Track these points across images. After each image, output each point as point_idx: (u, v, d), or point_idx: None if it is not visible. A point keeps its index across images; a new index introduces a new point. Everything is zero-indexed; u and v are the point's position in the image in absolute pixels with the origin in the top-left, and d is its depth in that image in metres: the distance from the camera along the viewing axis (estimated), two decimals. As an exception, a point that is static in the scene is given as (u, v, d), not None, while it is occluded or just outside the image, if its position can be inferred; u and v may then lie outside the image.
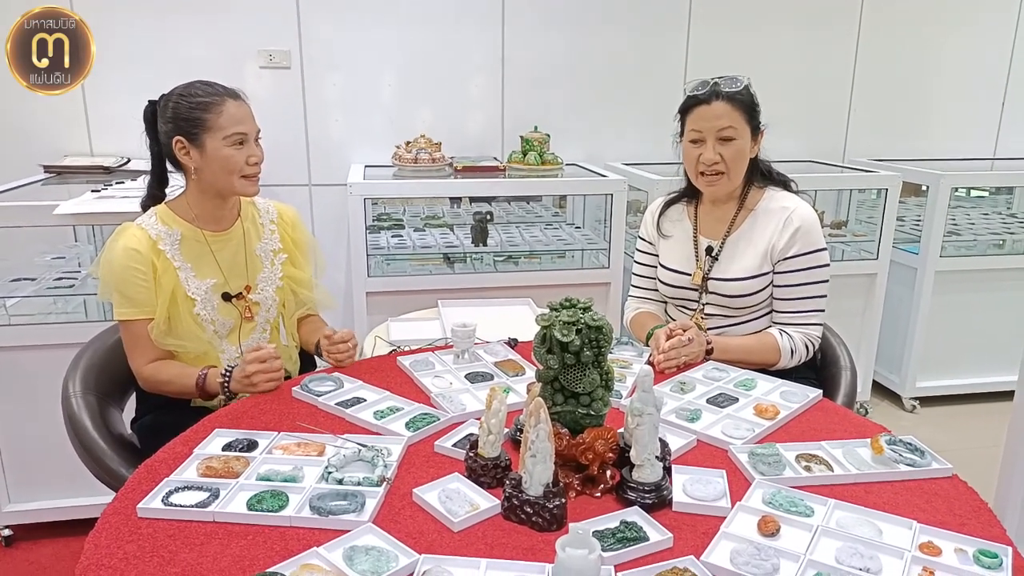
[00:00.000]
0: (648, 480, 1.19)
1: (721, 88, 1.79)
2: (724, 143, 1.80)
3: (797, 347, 1.84)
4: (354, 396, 1.56)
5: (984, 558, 1.05)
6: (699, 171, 1.85)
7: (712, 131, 1.80)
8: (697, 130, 1.82)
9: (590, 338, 1.25)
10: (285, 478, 1.22)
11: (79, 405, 1.71)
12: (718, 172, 1.83)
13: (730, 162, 1.81)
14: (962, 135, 3.89)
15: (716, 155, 1.80)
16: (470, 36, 3.23)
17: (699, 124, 1.81)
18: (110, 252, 1.69)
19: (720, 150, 1.80)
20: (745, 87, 1.80)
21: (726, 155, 1.81)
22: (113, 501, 1.18)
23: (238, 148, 1.70)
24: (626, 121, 3.44)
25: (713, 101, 1.79)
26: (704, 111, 1.80)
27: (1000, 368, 3.46)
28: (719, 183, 1.85)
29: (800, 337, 1.85)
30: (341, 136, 3.21)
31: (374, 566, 1.02)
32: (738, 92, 1.79)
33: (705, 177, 1.85)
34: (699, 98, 1.81)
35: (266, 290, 1.85)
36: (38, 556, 2.41)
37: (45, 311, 2.51)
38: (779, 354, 1.84)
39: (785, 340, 1.84)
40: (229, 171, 1.71)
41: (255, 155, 1.74)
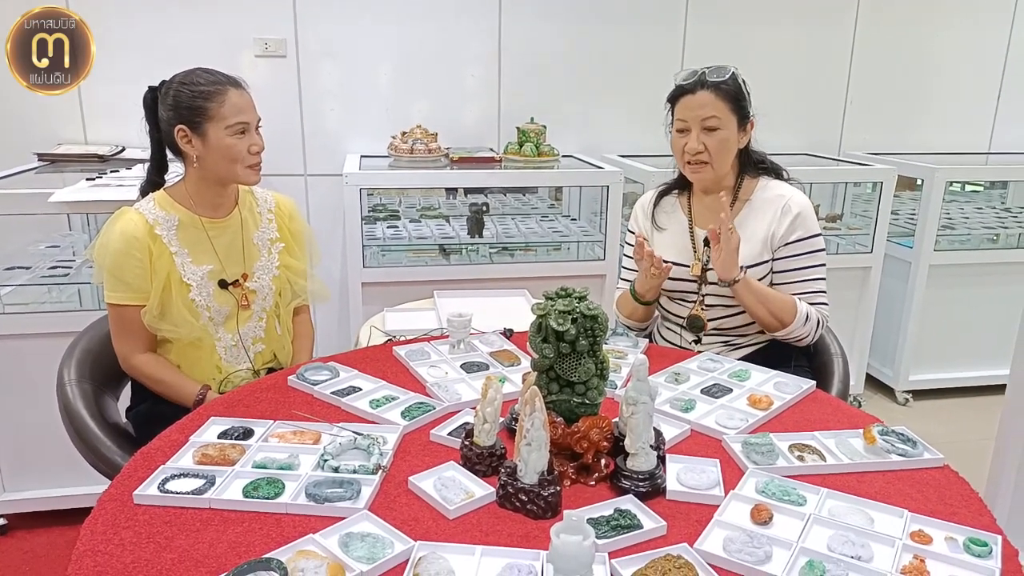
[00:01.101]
0: (642, 469, 1.20)
1: (707, 78, 1.80)
2: (708, 133, 1.81)
3: (812, 316, 1.83)
4: (350, 385, 1.56)
5: (974, 546, 1.06)
6: (684, 160, 1.87)
7: (696, 120, 1.81)
8: (682, 119, 1.84)
9: (585, 327, 1.26)
10: (281, 466, 1.22)
11: (74, 393, 1.71)
12: (701, 161, 1.84)
13: (714, 152, 1.82)
14: (957, 129, 3.89)
15: (700, 144, 1.82)
16: (467, 26, 3.22)
17: (684, 113, 1.83)
18: (106, 236, 1.70)
19: (704, 139, 1.81)
20: (731, 76, 1.81)
21: (710, 145, 1.82)
22: (109, 488, 1.19)
23: (240, 137, 1.70)
24: (622, 113, 3.43)
25: (698, 91, 1.80)
26: (689, 100, 1.81)
27: (993, 362, 3.48)
28: (703, 171, 1.86)
29: (815, 311, 1.85)
30: (337, 126, 3.20)
31: (370, 552, 1.02)
32: (723, 82, 1.80)
33: (690, 166, 1.87)
34: (685, 88, 1.82)
35: (263, 278, 1.85)
36: (33, 545, 2.41)
37: (40, 300, 2.50)
38: (795, 315, 1.81)
39: (803, 305, 1.83)
40: (231, 160, 1.71)
41: (256, 144, 1.74)
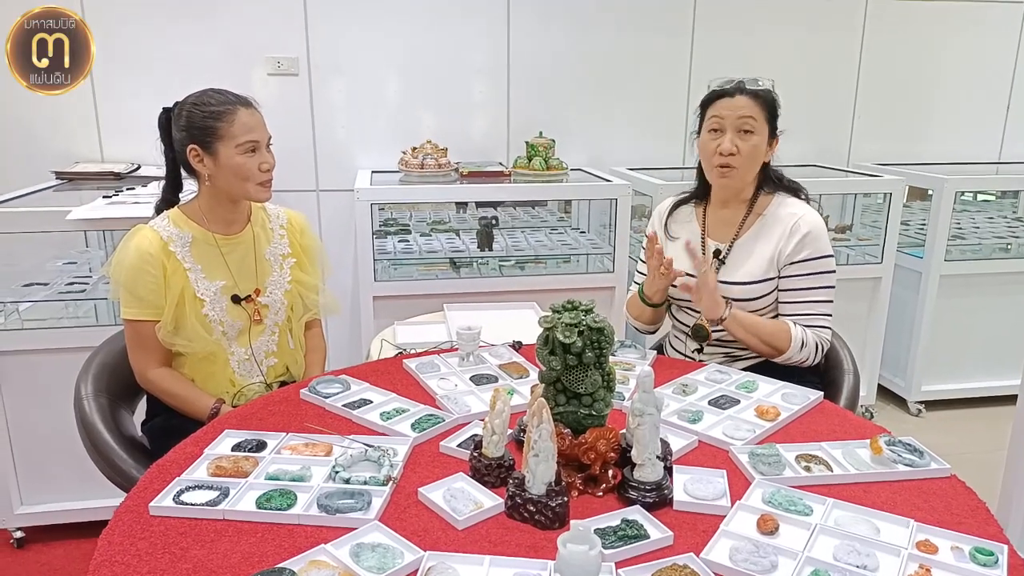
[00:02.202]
0: (649, 479, 1.21)
1: (745, 85, 1.84)
2: (743, 135, 1.83)
3: (808, 342, 1.83)
4: (361, 398, 1.58)
5: (980, 556, 1.06)
6: (714, 163, 1.86)
7: (733, 120, 1.82)
8: (719, 117, 1.84)
9: (592, 339, 1.27)
10: (293, 477, 1.24)
11: (91, 407, 1.73)
12: (731, 165, 1.84)
13: (745, 156, 1.83)
14: (967, 139, 3.88)
15: (733, 146, 1.82)
16: (475, 42, 3.26)
17: (721, 112, 1.84)
18: (122, 253, 1.73)
19: (738, 141, 1.83)
20: (769, 88, 1.85)
21: (743, 148, 1.83)
22: (126, 500, 1.21)
23: (250, 156, 1.74)
24: (630, 126, 3.46)
25: (737, 95, 1.83)
26: (727, 102, 1.83)
27: (1005, 372, 3.46)
28: (730, 176, 1.86)
29: (812, 336, 1.85)
30: (348, 142, 3.24)
31: (380, 562, 1.04)
32: (762, 90, 1.84)
33: (719, 169, 1.86)
34: (723, 92, 1.85)
35: (275, 293, 1.88)
36: (50, 558, 2.44)
37: (57, 315, 2.54)
38: (790, 342, 1.81)
39: (798, 330, 1.83)
40: (243, 178, 1.74)
41: (267, 162, 1.77)
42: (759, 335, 1.83)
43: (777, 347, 1.84)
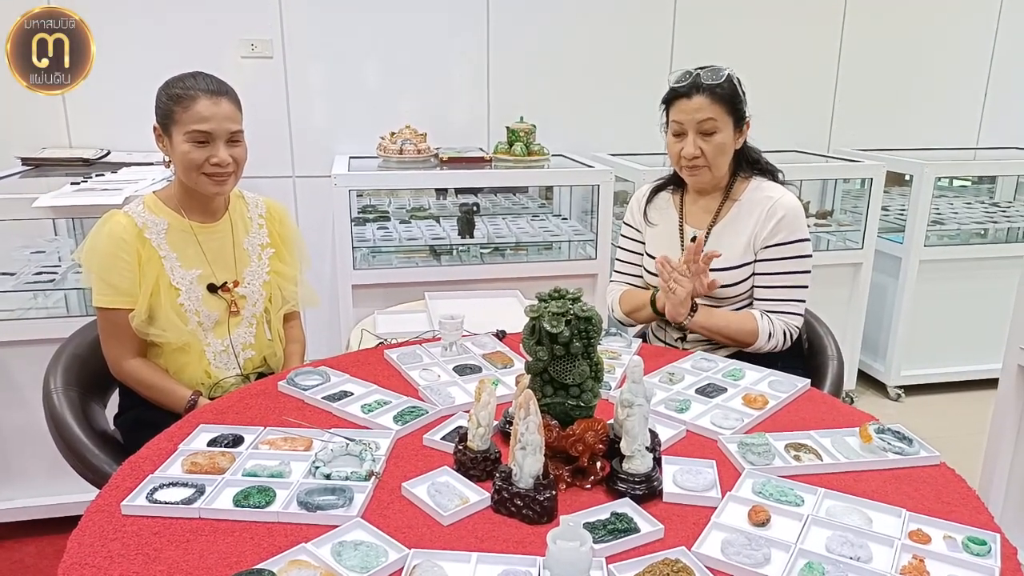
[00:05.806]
0: (638, 471, 1.18)
1: (702, 80, 1.78)
2: (705, 137, 1.80)
3: (776, 332, 1.84)
4: (341, 390, 1.54)
5: (973, 545, 1.05)
6: (681, 165, 1.85)
7: (692, 124, 1.79)
8: (678, 122, 1.82)
9: (579, 329, 1.24)
10: (272, 473, 1.20)
11: (60, 401, 1.68)
12: (697, 166, 1.83)
13: (711, 156, 1.82)
14: (945, 125, 3.91)
15: (696, 149, 1.80)
16: (455, 26, 3.20)
17: (680, 117, 1.81)
18: (95, 238, 1.68)
19: (701, 144, 1.80)
20: (727, 78, 1.79)
21: (707, 149, 1.81)
22: (97, 499, 1.16)
23: (199, 147, 1.66)
24: (612, 111, 3.42)
25: (693, 95, 1.78)
26: (684, 104, 1.80)
27: (984, 356, 3.49)
28: (700, 174, 1.86)
29: (780, 324, 1.85)
30: (325, 127, 3.17)
31: (363, 561, 1.01)
32: (719, 84, 1.78)
33: (686, 170, 1.85)
34: (679, 91, 1.80)
35: (253, 284, 1.83)
36: (21, 555, 2.38)
37: (25, 306, 2.47)
38: (756, 335, 1.83)
39: (765, 322, 1.84)
40: (186, 167, 1.68)
41: (216, 156, 1.67)
42: (724, 333, 1.85)
43: (744, 341, 1.85)
